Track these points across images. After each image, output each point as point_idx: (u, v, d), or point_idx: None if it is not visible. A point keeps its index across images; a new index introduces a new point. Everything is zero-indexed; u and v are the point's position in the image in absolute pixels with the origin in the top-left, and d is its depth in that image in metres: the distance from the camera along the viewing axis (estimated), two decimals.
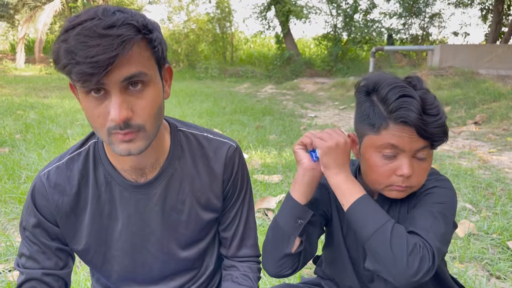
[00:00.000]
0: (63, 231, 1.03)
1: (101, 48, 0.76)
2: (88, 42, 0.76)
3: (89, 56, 0.76)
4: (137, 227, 1.05)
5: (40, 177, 1.02)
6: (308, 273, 2.10)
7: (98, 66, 0.77)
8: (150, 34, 0.85)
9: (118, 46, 0.77)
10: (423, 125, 0.96)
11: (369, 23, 18.08)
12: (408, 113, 0.96)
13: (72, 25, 0.79)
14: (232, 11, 21.21)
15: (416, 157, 1.01)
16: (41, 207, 1.01)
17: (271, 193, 3.20)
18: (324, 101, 10.73)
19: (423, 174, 1.03)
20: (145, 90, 0.86)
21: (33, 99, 8.68)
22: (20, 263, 1.05)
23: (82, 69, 0.77)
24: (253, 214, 1.20)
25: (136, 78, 0.84)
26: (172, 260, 1.11)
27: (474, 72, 9.73)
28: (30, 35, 20.42)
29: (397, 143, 0.99)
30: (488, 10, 19.05)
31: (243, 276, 1.15)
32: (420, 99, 0.97)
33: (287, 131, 6.03)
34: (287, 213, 1.08)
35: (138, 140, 0.88)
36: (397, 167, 1.00)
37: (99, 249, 1.06)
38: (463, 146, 5.37)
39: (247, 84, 15.61)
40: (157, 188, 1.04)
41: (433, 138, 0.98)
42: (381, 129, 1.00)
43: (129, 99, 0.85)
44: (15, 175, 3.48)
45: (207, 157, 1.09)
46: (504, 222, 2.69)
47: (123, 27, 0.79)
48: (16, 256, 1.07)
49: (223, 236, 1.18)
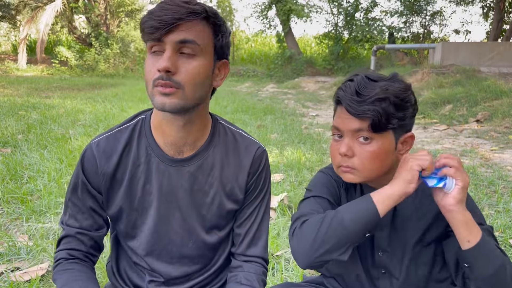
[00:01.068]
0: (104, 193, 1.14)
1: (170, 11, 0.95)
2: (165, 7, 0.95)
3: (160, 16, 0.94)
4: (166, 199, 1.14)
5: (91, 144, 1.14)
6: (310, 272, 2.10)
7: (164, 23, 0.94)
8: (216, 21, 1.02)
9: (184, 13, 0.95)
10: (352, 104, 1.03)
11: (370, 22, 18.06)
12: (340, 93, 1.07)
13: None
14: (233, 10, 21.24)
15: (358, 139, 1.06)
16: (88, 171, 1.12)
17: (273, 192, 3.20)
18: (325, 100, 10.72)
19: (367, 157, 1.05)
20: (194, 58, 1.00)
21: (35, 99, 8.69)
22: (64, 220, 1.17)
23: (151, 23, 0.95)
24: (267, 218, 1.25)
25: (189, 44, 0.98)
26: (191, 240, 1.17)
27: (475, 70, 9.70)
28: (31, 36, 20.47)
29: (336, 124, 1.09)
30: (490, 8, 19.00)
31: (247, 276, 1.17)
32: (358, 82, 1.04)
33: (289, 130, 6.03)
34: (363, 224, 0.98)
35: (174, 98, 0.99)
36: (340, 147, 1.08)
37: (131, 214, 1.16)
38: (465, 144, 5.36)
39: (248, 83, 15.62)
40: (190, 166, 1.13)
41: (362, 116, 1.02)
42: (334, 114, 1.13)
43: (178, 59, 0.98)
44: (17, 175, 3.49)
45: (238, 150, 1.19)
46: (507, 220, 2.68)
47: (197, 5, 0.98)
48: (62, 213, 1.19)
49: (236, 232, 1.22)
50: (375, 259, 1.15)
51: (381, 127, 1.03)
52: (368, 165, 1.06)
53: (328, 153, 4.64)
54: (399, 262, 1.13)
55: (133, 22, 20.72)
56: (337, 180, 1.19)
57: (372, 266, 1.16)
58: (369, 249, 1.16)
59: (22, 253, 2.25)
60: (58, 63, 18.23)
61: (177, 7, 0.96)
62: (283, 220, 2.69)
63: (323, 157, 4.42)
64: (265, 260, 1.23)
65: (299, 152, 4.53)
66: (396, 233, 1.13)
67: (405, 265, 1.13)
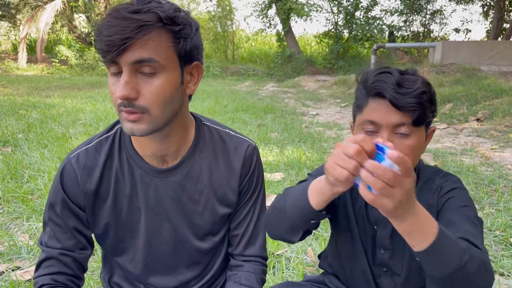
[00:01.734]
0: (87, 211, 1.07)
1: (117, 29, 0.84)
2: (112, 23, 0.85)
3: (107, 35, 0.84)
4: (154, 212, 1.09)
5: (69, 159, 1.06)
6: (311, 271, 2.11)
7: (112, 45, 0.84)
8: (173, 26, 0.90)
9: (133, 29, 0.84)
10: (396, 96, 0.97)
11: (370, 21, 18.05)
12: (381, 85, 1.00)
13: (112, 8, 0.89)
14: (233, 9, 21.24)
15: (397, 132, 1.01)
16: (69, 188, 1.05)
17: (273, 191, 3.20)
18: (325, 99, 10.72)
19: (407, 151, 0.99)
20: (155, 76, 0.90)
21: (35, 98, 8.69)
22: (43, 241, 1.09)
23: (100, 46, 0.86)
24: (264, 215, 1.20)
25: (146, 63, 0.88)
26: (184, 249, 1.14)
27: (475, 69, 9.69)
28: (31, 35, 20.44)
29: (374, 118, 1.01)
30: (490, 7, 18.98)
31: (246, 276, 1.15)
32: (398, 75, 1.00)
33: (289, 129, 6.03)
34: (301, 214, 0.96)
35: (142, 123, 0.92)
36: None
37: (118, 231, 1.10)
38: (465, 143, 5.35)
39: (248, 82, 15.61)
40: (176, 175, 1.08)
41: (407, 109, 0.98)
42: (363, 107, 1.04)
43: (138, 81, 0.90)
44: (17, 175, 3.49)
45: (227, 151, 1.13)
46: (507, 219, 2.68)
47: (147, 14, 0.86)
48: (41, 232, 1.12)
49: (233, 233, 1.19)
50: (377, 257, 1.14)
51: (422, 121, 1.00)
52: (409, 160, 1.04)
53: (329, 151, 4.64)
54: (401, 260, 1.13)
55: None
56: None
57: (373, 264, 1.16)
58: (370, 247, 1.15)
59: (22, 252, 2.25)
60: (58, 62, 18.22)
61: (124, 22, 0.84)
62: None
63: (324, 156, 4.42)
64: (264, 258, 1.21)
65: (299, 151, 4.52)
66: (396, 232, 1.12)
67: (407, 264, 1.12)
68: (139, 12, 0.85)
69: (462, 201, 1.04)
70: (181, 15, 0.92)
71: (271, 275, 2.07)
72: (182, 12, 0.93)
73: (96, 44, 0.88)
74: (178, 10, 0.92)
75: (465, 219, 0.99)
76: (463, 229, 0.96)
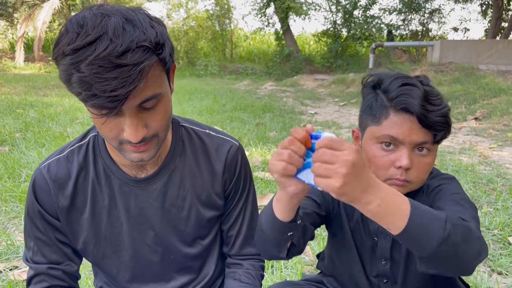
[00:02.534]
0: (64, 224, 1.02)
1: (119, 81, 0.74)
2: (105, 74, 0.73)
3: (108, 90, 0.74)
4: (137, 221, 1.05)
5: (40, 169, 1.01)
6: (310, 270, 2.10)
7: (117, 100, 0.76)
8: (163, 52, 0.82)
9: (136, 77, 0.75)
10: (425, 113, 0.93)
11: (368, 19, 18.04)
12: (409, 100, 0.94)
13: (81, 46, 0.74)
14: (231, 8, 21.19)
15: (417, 150, 0.98)
16: (42, 200, 1.00)
17: (272, 190, 3.20)
18: (324, 98, 10.72)
19: (423, 169, 0.98)
20: (158, 105, 0.86)
21: (33, 97, 8.67)
22: (28, 257, 1.05)
23: (100, 102, 0.76)
24: (257, 213, 1.18)
25: (151, 100, 0.83)
26: (171, 255, 1.10)
27: (474, 68, 9.71)
28: (29, 34, 20.38)
29: (396, 134, 0.95)
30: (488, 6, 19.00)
31: (246, 274, 1.14)
32: (423, 88, 0.96)
33: (287, 128, 6.03)
34: (274, 229, 0.90)
35: (151, 149, 0.90)
36: (396, 158, 0.96)
37: (99, 243, 1.05)
38: (463, 142, 5.36)
39: (247, 81, 15.60)
40: (157, 183, 1.03)
41: (435, 128, 0.95)
42: (381, 119, 0.98)
43: (143, 116, 0.85)
44: (15, 174, 3.48)
45: (208, 153, 1.08)
46: (506, 218, 2.68)
47: (138, 51, 0.75)
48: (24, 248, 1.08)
49: (227, 235, 1.17)
50: (378, 268, 1.12)
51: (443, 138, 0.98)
52: (422, 177, 1.01)
53: None
54: (403, 271, 1.09)
55: None
56: None
57: (373, 276, 1.13)
58: (369, 259, 1.13)
59: (20, 252, 2.25)
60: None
61: (121, 70, 0.73)
62: None
63: None
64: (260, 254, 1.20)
65: None
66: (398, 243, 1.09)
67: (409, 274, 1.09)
68: (128, 52, 0.74)
69: (450, 189, 1.02)
70: (159, 31, 0.81)
71: (270, 274, 2.06)
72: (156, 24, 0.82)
73: (87, 99, 0.76)
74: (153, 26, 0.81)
75: (453, 203, 0.95)
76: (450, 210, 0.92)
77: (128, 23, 0.77)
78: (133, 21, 0.78)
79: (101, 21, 0.76)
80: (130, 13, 0.80)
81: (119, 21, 0.76)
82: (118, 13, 0.79)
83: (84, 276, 2.01)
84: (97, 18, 0.76)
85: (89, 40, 0.74)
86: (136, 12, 0.81)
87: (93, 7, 0.81)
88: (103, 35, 0.74)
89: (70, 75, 0.76)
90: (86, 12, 0.79)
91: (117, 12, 0.79)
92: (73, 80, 0.75)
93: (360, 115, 1.08)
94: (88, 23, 0.75)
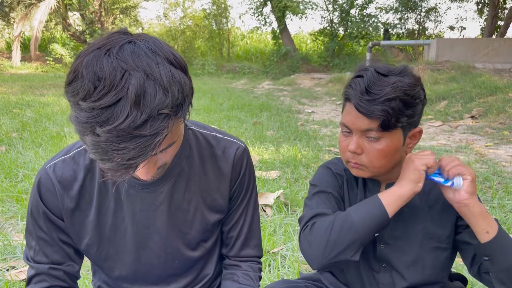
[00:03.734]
0: (68, 225, 1.02)
1: (137, 152, 0.72)
2: (122, 144, 0.71)
3: (125, 159, 0.73)
4: (142, 225, 1.04)
5: (45, 169, 1.00)
6: (307, 269, 2.11)
7: (134, 166, 0.75)
8: (183, 111, 0.77)
9: (155, 146, 0.73)
10: (360, 102, 1.02)
11: (365, 18, 18.06)
12: (350, 91, 1.05)
13: (98, 107, 0.69)
14: (228, 7, 21.16)
15: (367, 136, 1.05)
16: (47, 200, 1.00)
17: (269, 189, 3.20)
18: (321, 96, 10.73)
19: (376, 154, 1.06)
20: (172, 147, 0.85)
21: (30, 97, 8.64)
22: (29, 256, 1.05)
23: (116, 168, 0.75)
24: (257, 215, 1.19)
25: (168, 148, 0.83)
26: (176, 260, 1.10)
27: (470, 66, 9.74)
28: (25, 33, 20.31)
29: (345, 122, 1.08)
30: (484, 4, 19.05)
31: (244, 276, 1.14)
32: (368, 79, 1.02)
33: (285, 127, 6.03)
34: (373, 224, 1.02)
35: (160, 171, 0.90)
36: (349, 143, 1.08)
37: (103, 245, 1.05)
38: (460, 140, 5.38)
39: (244, 80, 15.59)
40: (164, 186, 1.03)
41: (371, 116, 1.01)
42: (343, 109, 1.11)
43: (155, 157, 0.84)
44: (12, 174, 3.47)
45: (215, 156, 1.08)
46: (502, 216, 2.70)
47: (158, 119, 0.71)
48: (25, 247, 1.07)
49: (227, 236, 1.16)
50: (377, 252, 1.14)
51: (391, 126, 1.02)
52: (376, 162, 1.07)
53: (324, 149, 4.64)
54: (401, 254, 1.13)
55: (128, 19, 20.62)
56: (339, 173, 1.20)
57: (373, 259, 1.16)
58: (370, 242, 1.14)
59: (17, 252, 2.24)
60: (52, 61, 18.12)
61: (139, 141, 0.71)
62: (279, 217, 2.69)
63: (319, 154, 4.42)
64: (259, 257, 1.20)
65: (295, 149, 4.53)
66: (399, 225, 1.13)
67: (407, 258, 1.12)
68: (147, 122, 0.70)
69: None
70: (181, 86, 0.75)
71: (267, 273, 2.07)
72: (178, 74, 0.75)
73: (101, 162, 0.75)
74: (174, 81, 0.74)
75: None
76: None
77: (149, 81, 0.71)
78: (155, 79, 0.72)
79: (121, 79, 0.70)
80: (152, 64, 0.73)
81: (141, 81, 0.70)
82: (139, 66, 0.72)
83: (81, 275, 2.01)
84: (116, 74, 0.70)
85: (108, 103, 0.69)
86: (158, 60, 0.74)
87: (112, 48, 0.73)
88: (123, 99, 0.69)
89: (85, 133, 0.73)
90: (104, 60, 0.71)
91: (138, 65, 0.72)
92: (87, 140, 0.73)
93: None
94: (106, 79, 0.69)
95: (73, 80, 0.72)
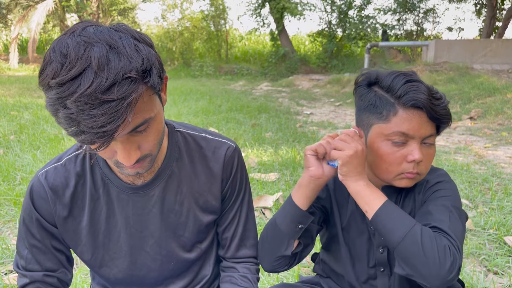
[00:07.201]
0: (62, 232, 1.03)
1: (107, 117, 0.72)
2: (91, 111, 0.71)
3: (96, 127, 0.72)
4: (135, 229, 1.05)
5: (38, 176, 1.01)
6: (306, 272, 2.10)
7: (106, 135, 0.75)
8: (151, 78, 0.78)
9: (124, 111, 0.73)
10: (433, 107, 0.99)
11: (363, 19, 18.08)
12: (418, 96, 0.99)
13: (66, 80, 0.71)
14: (227, 8, 21.19)
15: (424, 143, 1.03)
16: (39, 207, 1.00)
17: (268, 191, 3.19)
18: (319, 98, 10.73)
19: (430, 160, 1.05)
20: (150, 127, 0.85)
21: (27, 99, 8.62)
22: (20, 264, 1.05)
23: (89, 138, 0.75)
24: (252, 215, 1.19)
25: (142, 125, 0.82)
26: (171, 262, 1.10)
27: (468, 67, 9.76)
28: (23, 35, 20.30)
29: (407, 130, 1.00)
30: (482, 5, 19.09)
31: (242, 278, 1.14)
32: (425, 84, 1.02)
33: (283, 129, 6.03)
34: (288, 217, 1.07)
35: (146, 164, 0.91)
36: (408, 152, 1.02)
37: (97, 251, 1.06)
38: (458, 141, 5.38)
39: (242, 81, 15.60)
40: (154, 189, 1.03)
41: (442, 120, 1.02)
42: (390, 116, 1.01)
43: (136, 139, 0.85)
44: (10, 177, 3.46)
45: (205, 157, 1.08)
46: (501, 217, 2.69)
47: (124, 83, 0.73)
48: (15, 255, 1.07)
49: (222, 237, 1.17)
50: (375, 257, 1.14)
51: (440, 130, 1.06)
52: (428, 168, 1.07)
53: None
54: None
55: (125, 21, 20.62)
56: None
57: (370, 265, 1.15)
58: (365, 249, 1.15)
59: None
60: None
61: (108, 105, 0.71)
62: None
63: None
64: (256, 257, 1.20)
65: (294, 151, 4.52)
66: None
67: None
68: (114, 85, 0.71)
69: (444, 192, 1.06)
70: (145, 55, 0.77)
71: (266, 277, 2.06)
72: (142, 46, 0.79)
73: (75, 135, 0.75)
74: (138, 50, 0.77)
75: (443, 209, 1.01)
76: (438, 217, 0.98)
77: (112, 51, 0.74)
78: (118, 48, 0.75)
79: (84, 51, 0.72)
80: (114, 37, 0.76)
81: (103, 50, 0.73)
82: (101, 39, 0.75)
83: (80, 279, 2.00)
84: (80, 47, 0.73)
85: (73, 74, 0.71)
86: (121, 35, 0.77)
87: (75, 30, 0.77)
88: (87, 68, 0.71)
89: (57, 110, 0.74)
90: (69, 39, 0.75)
91: (100, 38, 0.75)
92: (60, 116, 0.74)
93: (360, 114, 1.10)
94: (71, 53, 0.72)
95: (44, 68, 0.75)
